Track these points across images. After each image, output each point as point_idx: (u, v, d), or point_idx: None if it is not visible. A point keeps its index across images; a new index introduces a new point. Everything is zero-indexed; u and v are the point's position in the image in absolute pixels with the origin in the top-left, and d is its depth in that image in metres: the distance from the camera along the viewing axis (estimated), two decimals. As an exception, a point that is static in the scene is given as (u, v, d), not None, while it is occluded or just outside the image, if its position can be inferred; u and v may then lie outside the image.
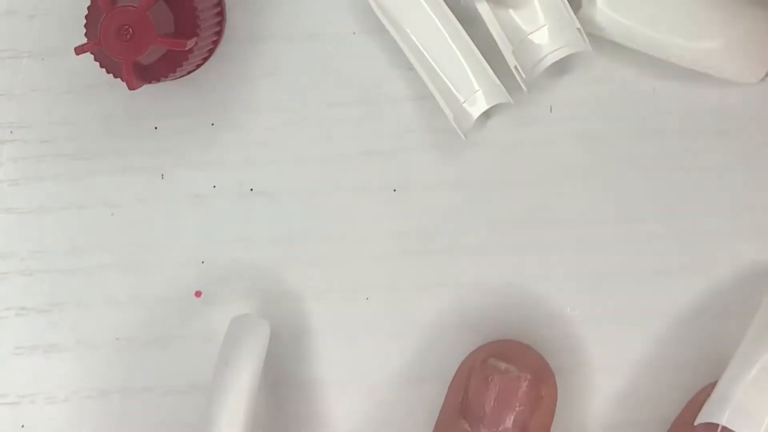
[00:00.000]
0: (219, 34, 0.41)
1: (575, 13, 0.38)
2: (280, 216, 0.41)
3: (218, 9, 0.41)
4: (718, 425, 0.33)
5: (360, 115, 0.41)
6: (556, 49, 0.39)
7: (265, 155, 0.41)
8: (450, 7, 0.39)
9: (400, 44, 0.39)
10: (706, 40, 0.38)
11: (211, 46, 0.41)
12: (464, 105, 0.39)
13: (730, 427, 0.33)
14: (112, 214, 0.42)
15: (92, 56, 0.39)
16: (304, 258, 0.41)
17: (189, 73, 0.41)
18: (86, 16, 0.39)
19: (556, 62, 0.39)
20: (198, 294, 0.42)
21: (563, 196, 0.40)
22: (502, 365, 0.36)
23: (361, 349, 0.41)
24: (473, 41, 0.39)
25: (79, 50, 0.38)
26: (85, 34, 0.39)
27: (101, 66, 0.39)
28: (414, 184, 0.41)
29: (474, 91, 0.39)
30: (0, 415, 0.42)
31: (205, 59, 0.41)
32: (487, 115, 0.40)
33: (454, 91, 0.39)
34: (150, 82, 0.39)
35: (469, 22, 0.39)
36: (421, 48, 0.39)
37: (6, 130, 0.43)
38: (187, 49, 0.38)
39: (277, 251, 0.41)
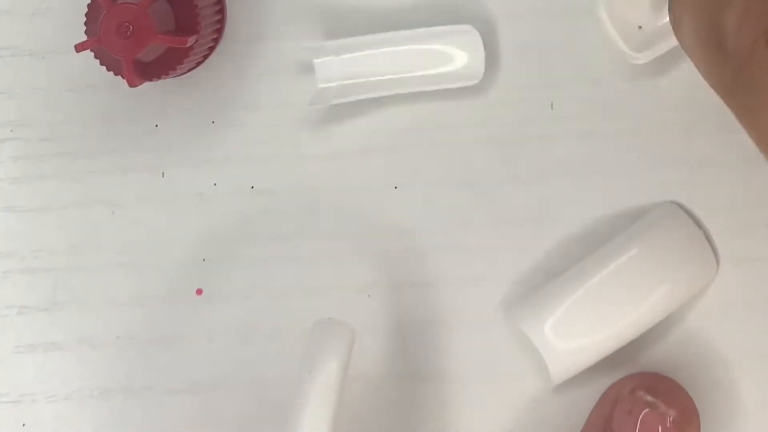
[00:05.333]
0: (219, 31, 0.41)
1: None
2: (281, 214, 0.41)
3: (218, 6, 0.41)
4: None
5: (359, 112, 0.41)
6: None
7: (265, 153, 0.41)
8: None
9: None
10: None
11: (211, 44, 0.41)
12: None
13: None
14: (112, 213, 0.42)
15: (93, 54, 0.39)
16: (305, 255, 0.41)
17: (189, 70, 0.41)
18: (86, 14, 0.39)
19: (557, 59, 0.39)
20: (199, 292, 0.42)
21: (564, 193, 0.40)
22: (650, 399, 0.35)
23: (363, 347, 0.41)
24: None
25: (80, 48, 0.38)
26: (86, 32, 0.39)
27: (102, 64, 0.39)
28: (415, 182, 0.41)
29: None
30: (1, 413, 0.42)
31: (206, 57, 0.41)
32: (487, 110, 0.40)
33: None
34: (150, 80, 0.39)
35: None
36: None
37: (7, 128, 0.43)
38: (187, 46, 0.38)
39: (278, 249, 0.41)
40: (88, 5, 0.39)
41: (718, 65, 0.27)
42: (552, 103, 0.40)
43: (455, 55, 0.39)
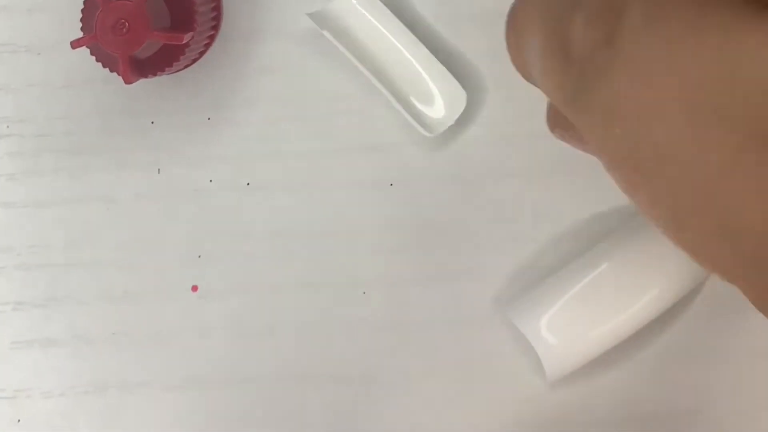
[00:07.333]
0: (215, 28, 0.41)
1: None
2: (277, 210, 0.41)
3: (215, 3, 0.41)
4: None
5: (356, 110, 0.41)
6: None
7: (261, 150, 0.41)
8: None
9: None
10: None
11: (207, 41, 0.41)
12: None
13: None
14: (108, 209, 0.42)
15: (88, 51, 0.39)
16: (300, 252, 0.41)
17: (185, 67, 0.41)
18: (82, 11, 0.39)
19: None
20: (195, 288, 0.42)
21: (562, 190, 0.40)
22: None
23: (358, 343, 0.41)
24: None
25: (75, 44, 0.38)
26: (82, 29, 0.39)
27: (97, 60, 0.39)
28: (411, 179, 0.41)
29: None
30: (-4, 409, 0.42)
31: (202, 54, 0.41)
32: (485, 108, 0.40)
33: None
34: (146, 77, 0.39)
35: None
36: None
37: (3, 124, 0.43)
38: (183, 43, 0.38)
39: (274, 245, 0.41)
40: (85, 2, 0.39)
41: (562, 78, 0.24)
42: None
43: (436, 101, 0.40)
